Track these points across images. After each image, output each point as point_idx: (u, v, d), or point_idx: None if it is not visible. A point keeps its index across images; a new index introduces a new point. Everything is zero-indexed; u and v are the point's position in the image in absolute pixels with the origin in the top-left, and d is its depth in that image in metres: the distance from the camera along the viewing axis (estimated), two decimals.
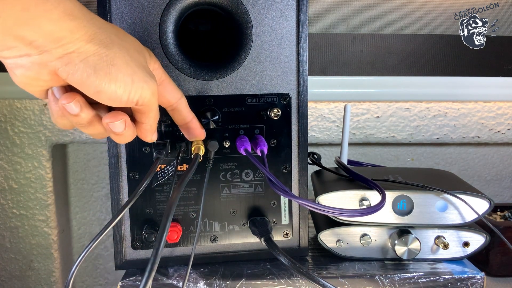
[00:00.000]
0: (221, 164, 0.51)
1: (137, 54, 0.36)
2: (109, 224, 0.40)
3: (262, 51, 0.50)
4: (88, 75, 0.32)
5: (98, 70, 0.32)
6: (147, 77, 0.36)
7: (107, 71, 0.33)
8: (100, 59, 0.32)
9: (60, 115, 0.36)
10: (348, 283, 0.50)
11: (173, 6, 0.47)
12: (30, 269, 0.87)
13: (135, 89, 0.35)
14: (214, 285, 0.49)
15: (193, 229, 0.52)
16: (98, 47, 0.32)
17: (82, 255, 0.38)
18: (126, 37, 0.36)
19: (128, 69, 0.34)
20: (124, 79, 0.34)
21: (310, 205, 0.43)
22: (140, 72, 0.35)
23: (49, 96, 0.36)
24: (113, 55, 0.33)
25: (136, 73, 0.35)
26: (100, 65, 0.32)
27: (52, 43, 0.31)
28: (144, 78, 0.35)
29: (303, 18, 0.50)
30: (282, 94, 0.51)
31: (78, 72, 0.32)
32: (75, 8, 0.31)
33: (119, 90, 0.34)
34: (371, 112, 0.85)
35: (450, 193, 0.52)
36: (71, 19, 0.31)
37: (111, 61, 0.33)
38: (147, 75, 0.36)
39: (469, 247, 0.54)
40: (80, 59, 0.32)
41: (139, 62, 0.36)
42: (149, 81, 0.36)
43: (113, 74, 0.33)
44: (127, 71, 0.34)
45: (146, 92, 0.36)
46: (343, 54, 0.84)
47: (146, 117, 0.39)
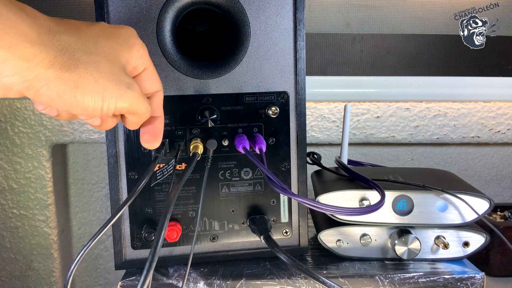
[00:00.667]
0: (220, 162, 0.51)
1: (109, 65, 0.35)
2: (108, 222, 0.40)
3: (260, 49, 0.50)
4: (53, 99, 0.32)
5: (62, 94, 0.32)
6: (121, 90, 0.35)
7: (72, 94, 0.32)
8: (63, 83, 0.32)
9: None
10: (348, 283, 0.50)
11: (170, 5, 0.47)
12: (30, 269, 0.87)
13: (107, 105, 0.34)
14: (214, 285, 0.49)
15: (192, 228, 0.52)
16: (59, 72, 0.31)
17: (81, 252, 0.38)
18: (97, 48, 0.34)
19: (97, 86, 0.33)
20: (92, 98, 0.33)
21: (309, 203, 0.43)
22: (112, 86, 0.34)
23: None
24: (77, 77, 0.32)
25: (107, 88, 0.34)
26: (63, 89, 0.32)
27: (8, 71, 0.30)
28: (117, 92, 0.34)
29: (300, 16, 0.50)
30: (280, 92, 0.51)
31: (42, 96, 0.32)
32: (32, 32, 0.30)
33: (89, 108, 0.33)
34: (371, 112, 0.85)
35: (450, 193, 0.52)
36: (26, 46, 0.29)
37: (75, 83, 0.32)
38: (121, 87, 0.35)
39: (469, 247, 0.54)
40: (41, 85, 0.31)
41: (112, 73, 0.35)
42: (123, 93, 0.35)
43: (79, 96, 0.33)
44: (95, 89, 0.33)
45: (122, 104, 0.35)
46: (343, 54, 0.84)
47: (133, 118, 0.38)
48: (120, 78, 0.35)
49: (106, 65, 0.34)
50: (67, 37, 0.32)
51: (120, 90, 0.35)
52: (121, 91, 0.35)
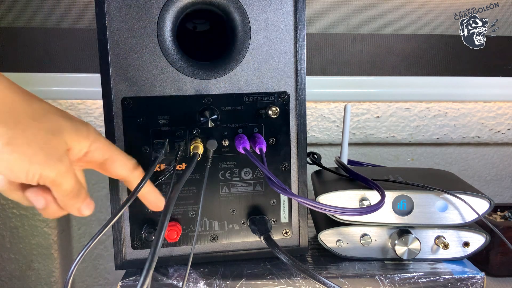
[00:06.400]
0: (220, 163, 0.51)
1: (49, 135, 0.36)
2: (108, 222, 0.40)
3: (260, 49, 0.50)
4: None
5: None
6: (50, 160, 0.36)
7: (1, 150, 0.34)
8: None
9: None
10: (348, 283, 0.50)
11: (170, 5, 0.47)
12: (30, 269, 0.87)
13: (34, 170, 0.35)
14: (214, 285, 0.49)
15: (192, 228, 0.52)
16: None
17: (81, 253, 0.38)
18: (44, 118, 0.37)
19: (28, 150, 0.35)
20: (20, 159, 0.34)
21: (309, 203, 0.43)
22: (42, 153, 0.35)
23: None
24: (12, 134, 0.34)
25: (37, 154, 0.35)
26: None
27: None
28: (45, 160, 0.36)
29: (300, 16, 0.50)
30: (281, 93, 0.51)
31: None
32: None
33: (15, 169, 0.35)
34: (371, 112, 0.85)
35: (450, 193, 0.52)
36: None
37: (8, 140, 0.34)
38: (51, 157, 0.36)
39: (469, 247, 0.54)
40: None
41: (47, 143, 0.36)
42: (53, 163, 0.36)
43: (7, 154, 0.34)
44: (26, 152, 0.34)
45: (48, 173, 0.36)
46: (343, 54, 0.84)
47: (58, 193, 0.39)
48: (54, 150, 0.37)
49: (44, 135, 0.36)
50: (20, 98, 0.35)
51: (50, 160, 0.36)
52: (50, 160, 0.36)
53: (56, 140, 0.37)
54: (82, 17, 0.80)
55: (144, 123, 0.49)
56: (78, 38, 0.80)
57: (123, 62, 0.48)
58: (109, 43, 0.47)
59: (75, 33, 0.80)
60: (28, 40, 0.80)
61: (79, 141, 0.39)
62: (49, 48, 0.80)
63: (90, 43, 0.80)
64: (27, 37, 0.80)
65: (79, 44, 0.80)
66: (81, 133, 0.39)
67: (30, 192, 0.39)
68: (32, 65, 0.80)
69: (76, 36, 0.80)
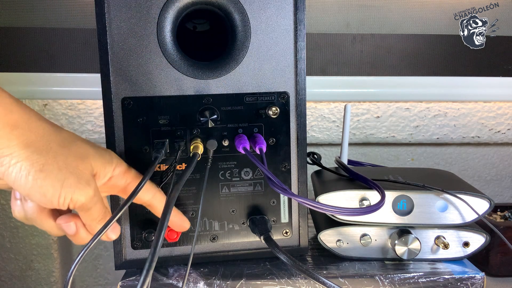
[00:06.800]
0: (220, 163, 0.51)
1: (78, 161, 0.39)
2: (109, 222, 0.40)
3: (260, 49, 0.50)
4: (17, 179, 0.35)
5: (27, 174, 0.35)
6: (80, 184, 0.38)
7: (35, 176, 0.35)
8: (31, 164, 0.35)
9: (17, 209, 0.41)
10: (348, 283, 0.50)
11: (171, 5, 0.47)
12: (30, 269, 0.87)
13: (65, 193, 0.37)
14: (214, 285, 0.49)
15: (192, 228, 0.52)
16: (31, 153, 0.36)
17: (81, 253, 0.38)
18: (72, 145, 0.39)
19: (59, 174, 0.37)
20: (53, 184, 0.36)
21: (309, 203, 0.43)
22: (72, 178, 0.38)
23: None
24: (45, 161, 0.36)
25: (68, 178, 0.37)
26: (30, 170, 0.35)
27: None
28: (76, 184, 0.38)
29: (300, 16, 0.50)
30: (281, 93, 0.51)
31: (10, 175, 0.35)
32: (21, 120, 0.36)
33: (48, 194, 0.36)
34: (371, 112, 0.85)
35: (450, 193, 0.52)
36: (13, 129, 0.35)
37: (41, 167, 0.36)
38: (81, 181, 0.38)
39: (469, 247, 0.54)
40: (12, 163, 0.35)
41: (77, 169, 0.38)
42: (82, 187, 0.38)
43: (40, 180, 0.36)
44: (58, 176, 0.37)
45: (78, 197, 0.38)
46: (343, 54, 0.84)
47: (87, 217, 0.41)
48: (82, 174, 0.39)
49: (73, 161, 0.38)
50: (50, 128, 0.38)
51: (80, 184, 0.38)
52: (81, 184, 0.38)
53: (83, 165, 0.39)
54: (82, 17, 0.80)
55: (144, 123, 0.49)
56: (78, 38, 0.80)
57: (123, 62, 0.48)
58: (109, 43, 0.47)
59: (75, 33, 0.80)
60: (28, 40, 0.80)
61: (104, 166, 0.41)
62: (49, 48, 0.80)
63: (90, 43, 0.80)
64: (27, 37, 0.80)
65: (79, 44, 0.80)
66: (105, 158, 0.42)
67: (61, 219, 0.41)
68: (32, 65, 0.80)
69: (76, 36, 0.80)
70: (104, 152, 0.42)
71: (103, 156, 0.42)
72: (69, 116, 0.83)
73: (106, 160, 0.42)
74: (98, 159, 0.41)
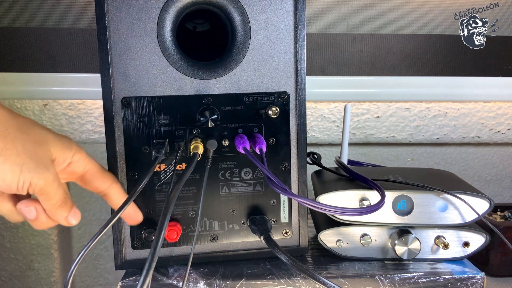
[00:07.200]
0: (220, 163, 0.51)
1: (36, 146, 0.39)
2: (108, 222, 0.40)
3: (260, 49, 0.50)
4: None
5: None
6: (39, 168, 0.38)
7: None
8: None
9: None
10: (348, 283, 0.50)
11: (171, 5, 0.47)
12: (30, 269, 0.87)
13: (24, 178, 0.37)
14: (214, 285, 0.49)
15: (192, 228, 0.52)
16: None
17: (81, 253, 0.38)
18: (30, 131, 0.39)
19: (18, 159, 0.37)
20: (11, 169, 0.37)
21: (309, 203, 0.43)
22: (31, 162, 0.38)
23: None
24: (3, 146, 0.36)
25: (27, 163, 0.37)
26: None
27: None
28: (35, 168, 0.38)
29: (300, 16, 0.50)
30: (281, 93, 0.51)
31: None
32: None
33: (7, 179, 0.37)
34: (371, 112, 0.85)
35: (450, 193, 0.52)
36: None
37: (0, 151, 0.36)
38: (40, 165, 0.38)
39: (469, 247, 0.54)
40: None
41: (35, 153, 0.38)
42: (41, 171, 0.38)
43: (0, 164, 0.36)
44: (16, 161, 0.37)
45: (37, 181, 0.38)
46: (343, 54, 0.84)
47: (46, 202, 0.41)
48: (41, 159, 0.39)
49: (32, 145, 0.39)
50: (7, 114, 0.38)
51: (39, 168, 0.38)
52: (39, 169, 0.38)
53: (42, 150, 0.39)
54: (82, 17, 0.80)
55: (144, 123, 0.49)
56: (78, 38, 0.80)
57: (123, 62, 0.48)
58: (109, 43, 0.47)
59: (75, 33, 0.80)
60: (28, 40, 0.80)
61: (63, 151, 0.41)
62: (49, 48, 0.80)
63: (90, 43, 0.80)
64: (27, 37, 0.80)
65: (79, 44, 0.80)
66: (64, 144, 0.42)
67: (21, 203, 0.41)
68: (32, 65, 0.80)
69: (76, 36, 0.80)
70: (63, 138, 0.43)
71: (62, 142, 0.42)
72: (69, 116, 0.83)
73: (65, 146, 0.42)
74: (57, 145, 0.41)
